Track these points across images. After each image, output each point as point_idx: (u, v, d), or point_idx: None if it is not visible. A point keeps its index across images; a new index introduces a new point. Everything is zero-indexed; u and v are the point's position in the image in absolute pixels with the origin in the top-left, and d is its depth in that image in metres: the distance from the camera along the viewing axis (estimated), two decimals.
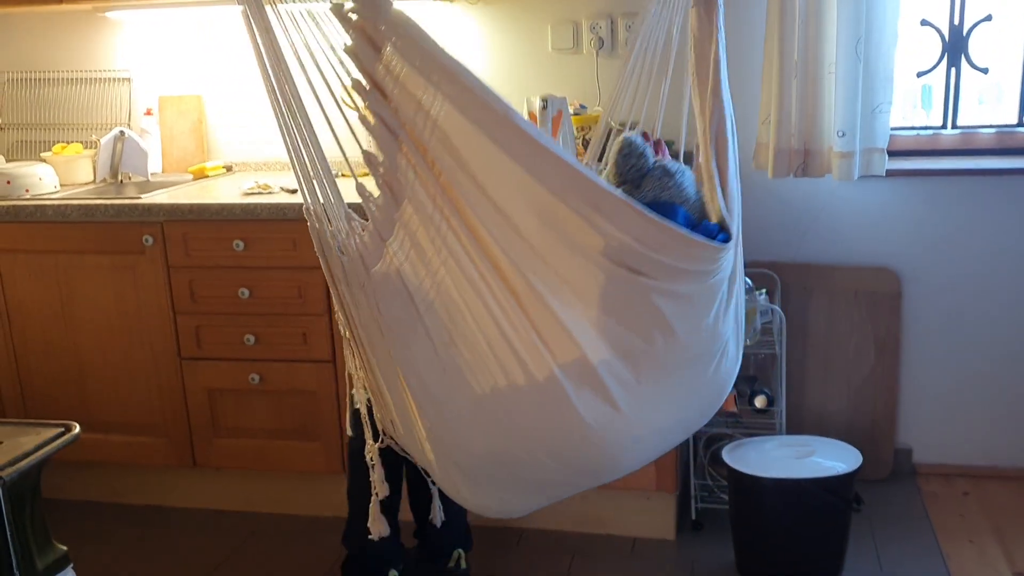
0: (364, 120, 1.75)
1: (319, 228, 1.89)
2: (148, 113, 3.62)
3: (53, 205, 3.05)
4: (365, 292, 1.84)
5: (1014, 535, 2.93)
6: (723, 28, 2.18)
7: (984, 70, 3.15)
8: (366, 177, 1.80)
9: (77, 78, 3.69)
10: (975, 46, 3.14)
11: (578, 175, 1.72)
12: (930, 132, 3.23)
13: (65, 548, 2.31)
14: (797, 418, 3.29)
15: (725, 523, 2.92)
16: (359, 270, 1.83)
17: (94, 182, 3.48)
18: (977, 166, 3.06)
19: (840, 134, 2.95)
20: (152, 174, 3.52)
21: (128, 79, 3.65)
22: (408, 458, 2.15)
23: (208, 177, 3.46)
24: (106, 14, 3.43)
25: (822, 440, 2.90)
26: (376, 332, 1.87)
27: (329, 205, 1.88)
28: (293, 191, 3.04)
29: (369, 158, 1.78)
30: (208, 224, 2.95)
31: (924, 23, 3.15)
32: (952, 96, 3.19)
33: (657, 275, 1.86)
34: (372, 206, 1.79)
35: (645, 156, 2.04)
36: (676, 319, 1.92)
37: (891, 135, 3.06)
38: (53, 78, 3.70)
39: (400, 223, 1.78)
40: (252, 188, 3.08)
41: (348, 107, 2.07)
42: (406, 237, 1.79)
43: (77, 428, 2.24)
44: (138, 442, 3.19)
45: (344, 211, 1.87)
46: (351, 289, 1.87)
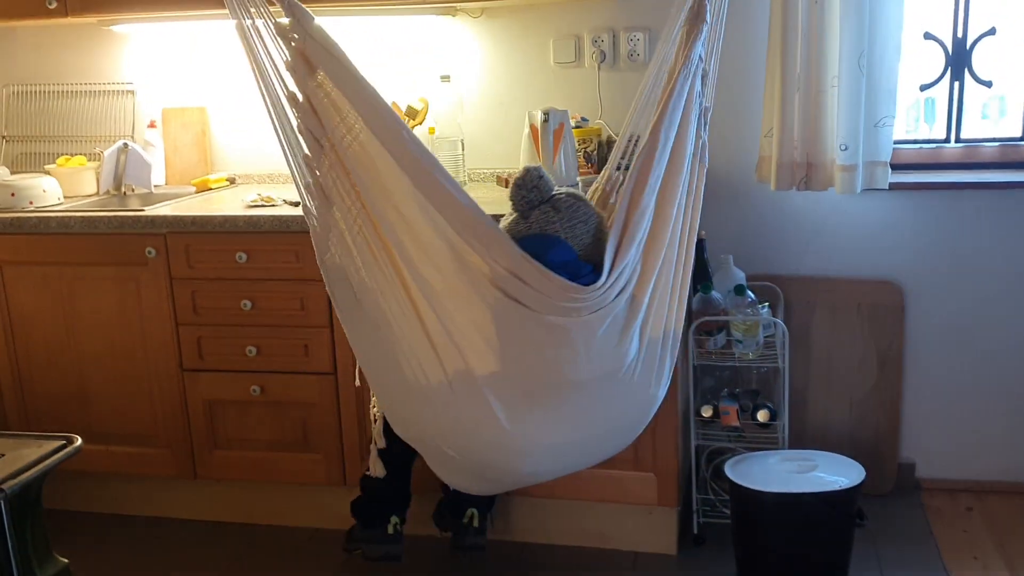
0: (299, 128, 2.06)
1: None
2: (152, 125, 3.63)
3: (57, 217, 3.06)
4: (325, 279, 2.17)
5: (1018, 551, 2.92)
6: (698, 59, 2.27)
7: (988, 83, 3.15)
8: None
9: (81, 90, 3.70)
10: (978, 59, 3.13)
11: (460, 205, 2.02)
12: (933, 146, 3.23)
13: (66, 560, 2.32)
14: (799, 432, 3.28)
15: (727, 538, 2.90)
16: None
17: (98, 194, 3.48)
18: (980, 179, 3.05)
19: (843, 147, 2.95)
20: (155, 186, 3.53)
21: (132, 91, 3.66)
22: None
23: (211, 189, 3.46)
24: (111, 27, 3.44)
25: (825, 454, 2.89)
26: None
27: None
28: (296, 203, 3.04)
29: (307, 161, 2.08)
30: (211, 236, 2.96)
31: (927, 36, 3.15)
32: (955, 109, 3.18)
33: (534, 306, 2.06)
34: (312, 204, 2.10)
35: (538, 189, 2.19)
36: (557, 348, 2.10)
37: (894, 148, 3.05)
38: (58, 90, 3.72)
39: (332, 223, 2.09)
40: (255, 200, 3.09)
41: None
42: (336, 236, 2.10)
43: (79, 440, 2.24)
44: (139, 453, 3.19)
45: None
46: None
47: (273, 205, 3.05)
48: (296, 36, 2.02)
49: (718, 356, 3.04)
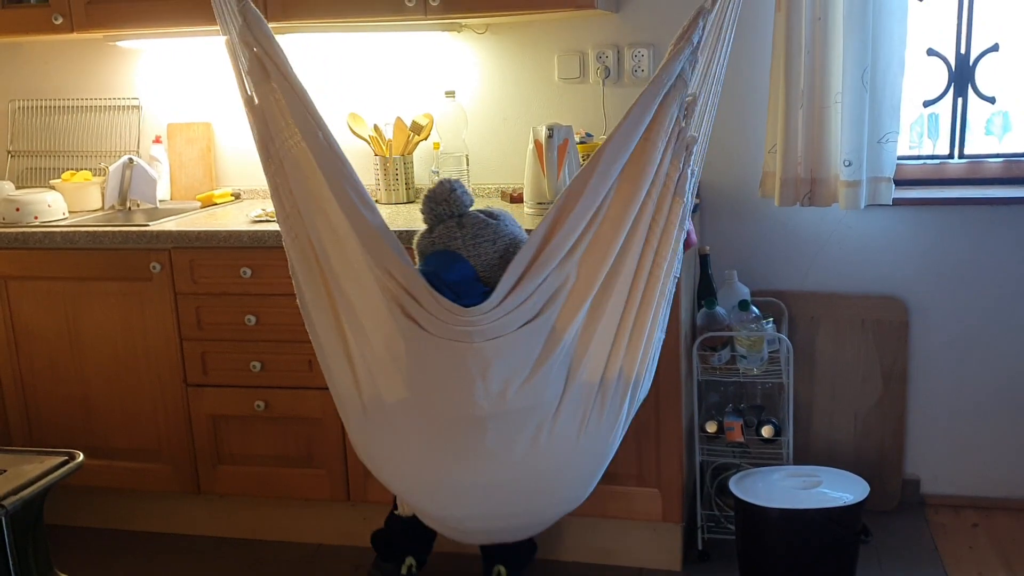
0: (252, 134, 2.09)
1: None
2: (157, 140, 3.64)
3: (61, 232, 3.06)
4: None
5: None
6: (673, 81, 2.04)
7: (991, 99, 3.15)
8: None
9: (87, 106, 3.71)
10: (982, 75, 3.14)
11: (363, 216, 1.98)
12: (937, 161, 3.23)
13: None
14: (804, 448, 3.27)
15: (732, 554, 2.90)
16: None
17: (103, 209, 3.49)
18: (984, 195, 3.05)
19: (846, 163, 2.95)
20: (160, 201, 3.54)
21: (137, 107, 3.67)
22: None
23: (216, 204, 3.47)
24: (117, 43, 3.45)
25: (829, 470, 2.88)
26: None
27: None
28: None
29: (263, 167, 2.11)
30: (215, 251, 2.96)
31: (931, 52, 3.15)
32: (959, 125, 3.18)
33: (430, 328, 1.97)
34: (278, 198, 2.12)
35: (448, 203, 2.12)
36: (455, 376, 1.98)
37: (898, 164, 3.06)
38: (63, 106, 3.73)
39: (283, 231, 2.12)
40: (259, 215, 3.09)
41: (354, 135, 2.23)
42: (287, 244, 2.13)
43: (81, 456, 2.24)
44: (143, 468, 3.18)
45: None
46: None
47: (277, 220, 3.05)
48: (251, 40, 2.04)
49: (722, 372, 3.03)
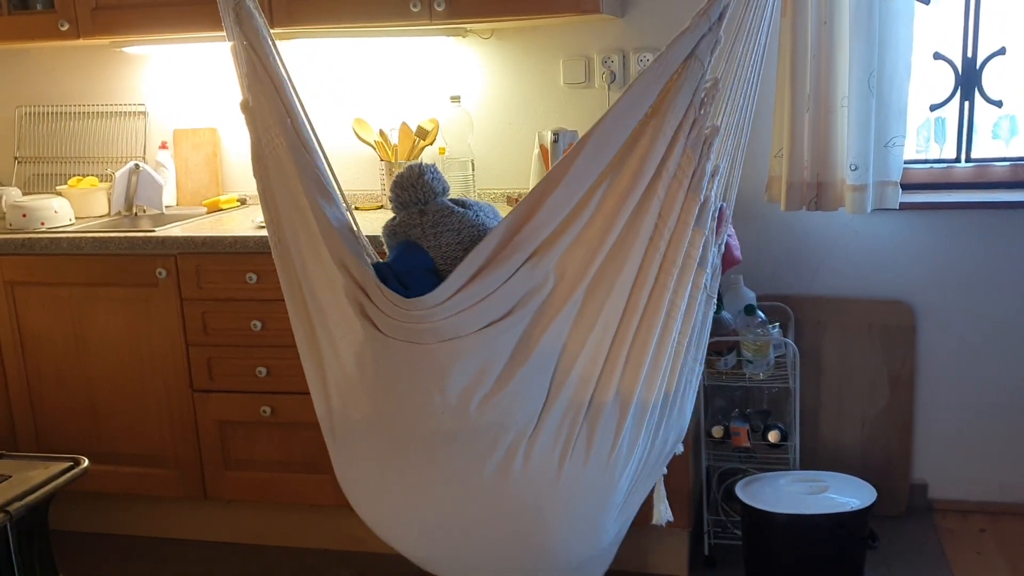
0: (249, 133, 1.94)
1: None
2: (163, 146, 3.64)
3: (68, 238, 3.07)
4: None
5: None
6: (683, 112, 1.76)
7: (998, 103, 3.14)
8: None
9: (93, 112, 3.72)
10: (988, 79, 3.13)
11: (319, 210, 1.80)
12: (944, 165, 3.22)
13: None
14: (811, 453, 3.26)
15: (738, 559, 2.89)
16: None
17: (109, 215, 3.50)
18: (991, 199, 3.04)
19: (853, 167, 2.95)
20: (166, 207, 3.54)
21: (144, 112, 3.68)
22: None
23: (222, 210, 3.47)
24: (123, 49, 3.46)
25: (836, 475, 2.87)
26: None
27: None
28: None
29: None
30: (221, 257, 2.96)
31: (937, 56, 3.14)
32: (966, 129, 3.17)
33: (384, 328, 1.74)
34: (264, 203, 1.96)
35: (414, 188, 1.89)
36: (410, 383, 1.75)
37: (904, 168, 3.05)
38: (70, 112, 3.74)
39: (269, 222, 1.96)
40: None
41: (359, 140, 2.16)
42: (271, 236, 1.96)
43: (86, 462, 2.24)
44: (149, 474, 3.18)
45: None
46: None
47: None
48: (242, 37, 1.91)
49: (729, 376, 3.02)
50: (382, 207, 3.39)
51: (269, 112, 1.87)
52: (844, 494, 2.74)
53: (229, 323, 3.00)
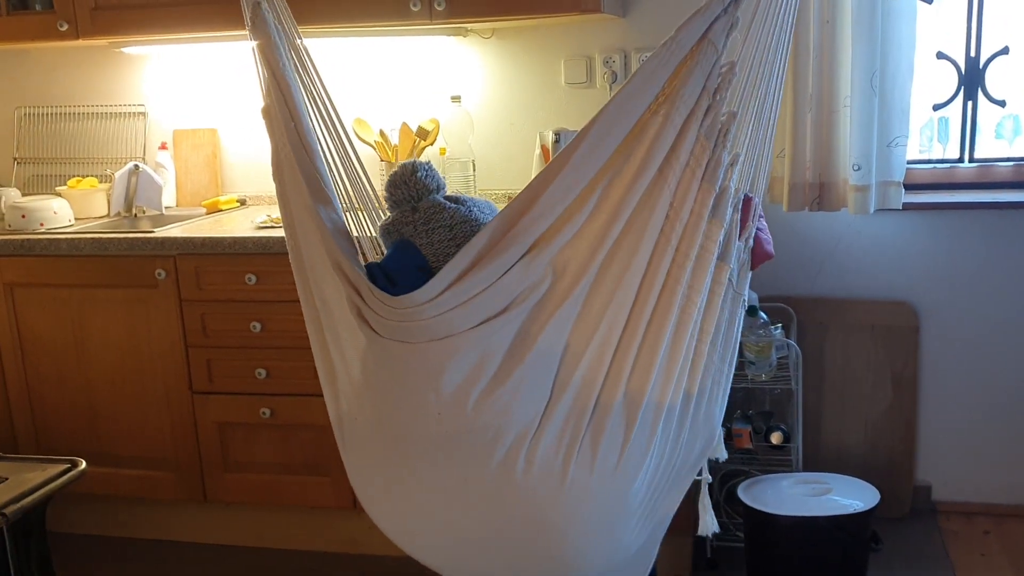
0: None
1: None
2: (163, 147, 3.64)
3: (67, 239, 3.06)
4: None
5: None
6: (696, 98, 1.64)
7: (1001, 103, 3.13)
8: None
9: (93, 112, 3.71)
10: (992, 79, 3.12)
11: (310, 212, 1.80)
12: (947, 165, 3.21)
13: None
14: (813, 455, 3.24)
15: (740, 562, 2.87)
16: None
17: (109, 216, 3.49)
18: (995, 199, 3.02)
19: (855, 167, 2.93)
20: (166, 208, 3.53)
21: (143, 113, 3.67)
22: None
23: (221, 211, 3.46)
24: (122, 49, 3.45)
25: (839, 477, 2.86)
26: None
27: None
28: None
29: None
30: (221, 258, 2.95)
31: (940, 56, 3.13)
32: (969, 129, 3.16)
33: (378, 328, 1.68)
34: (281, 206, 1.96)
35: (407, 186, 1.83)
36: (405, 385, 1.69)
37: (907, 168, 3.04)
38: (69, 112, 3.73)
39: (286, 226, 1.94)
40: (265, 221, 3.08)
41: (360, 140, 2.14)
42: (288, 240, 1.95)
43: (83, 464, 2.23)
44: (148, 476, 3.17)
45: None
46: None
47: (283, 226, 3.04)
48: (258, 46, 1.90)
49: None
50: (381, 208, 3.37)
51: (280, 117, 1.88)
52: (847, 496, 2.73)
53: (228, 324, 2.99)
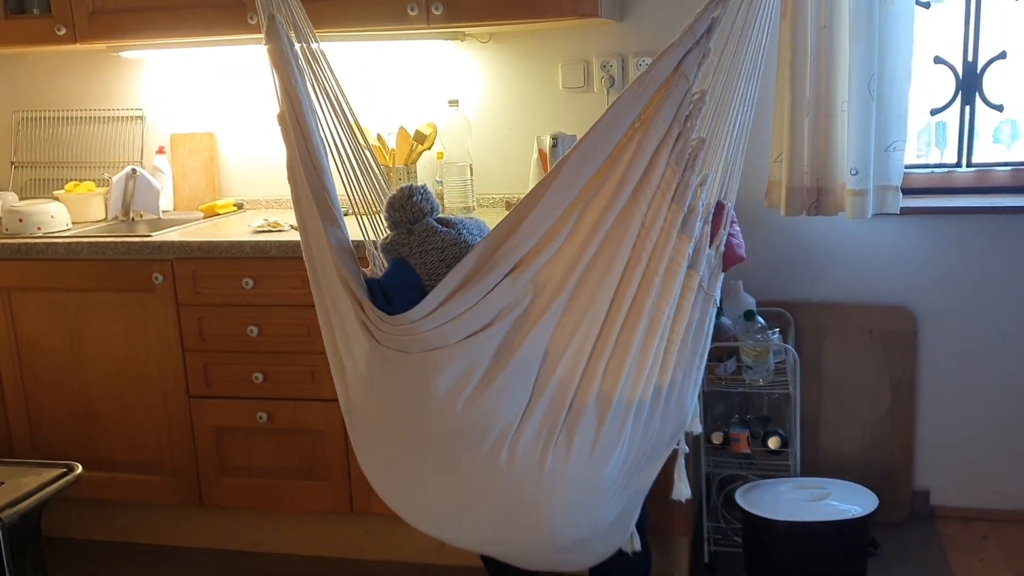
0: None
1: None
2: (160, 151, 3.63)
3: (64, 243, 3.05)
4: None
5: None
6: (667, 127, 1.75)
7: (999, 108, 3.13)
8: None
9: (90, 116, 3.71)
10: (989, 83, 3.12)
11: (319, 228, 1.91)
12: (944, 170, 3.21)
13: None
14: (811, 460, 3.24)
15: (738, 567, 2.87)
16: None
17: (106, 220, 3.48)
18: (992, 204, 3.03)
19: (853, 172, 2.93)
20: (163, 212, 3.53)
21: (141, 117, 3.67)
22: None
23: (219, 215, 3.46)
24: (120, 53, 3.45)
25: (837, 482, 2.86)
26: None
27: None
28: None
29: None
30: (218, 262, 2.95)
31: (938, 60, 3.13)
32: (966, 134, 3.16)
33: (380, 338, 1.84)
34: (295, 210, 2.05)
35: (404, 209, 2.03)
36: (403, 389, 1.86)
37: (905, 173, 3.03)
38: (67, 116, 3.73)
39: (300, 227, 2.04)
40: (262, 226, 3.08)
41: (363, 147, 2.18)
42: (302, 244, 2.06)
43: (79, 469, 2.23)
44: (145, 480, 3.17)
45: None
46: None
47: (280, 231, 3.04)
48: (271, 58, 2.01)
49: (728, 382, 3.01)
50: (378, 212, 3.37)
51: (291, 131, 1.97)
52: (845, 501, 2.73)
53: (225, 328, 2.98)
